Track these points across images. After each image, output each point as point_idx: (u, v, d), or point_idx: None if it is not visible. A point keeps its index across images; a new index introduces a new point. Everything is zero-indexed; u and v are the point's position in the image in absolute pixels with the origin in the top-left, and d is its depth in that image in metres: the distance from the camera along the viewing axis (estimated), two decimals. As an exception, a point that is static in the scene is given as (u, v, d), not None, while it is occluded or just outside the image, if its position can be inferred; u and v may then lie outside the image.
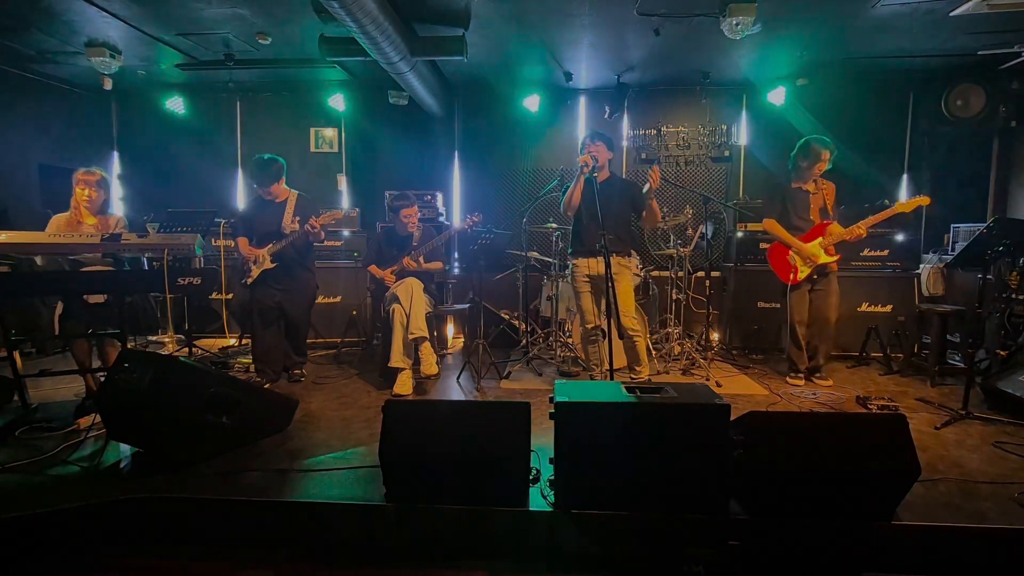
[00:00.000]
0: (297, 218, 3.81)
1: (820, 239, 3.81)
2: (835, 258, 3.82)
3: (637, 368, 3.60)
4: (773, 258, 3.96)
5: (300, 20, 4.15)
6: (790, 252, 3.86)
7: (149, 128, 6.17)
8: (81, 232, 3.27)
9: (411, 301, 3.71)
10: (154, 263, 4.01)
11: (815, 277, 3.85)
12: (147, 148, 6.26)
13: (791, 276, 3.82)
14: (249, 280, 3.83)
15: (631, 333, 3.46)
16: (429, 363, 3.72)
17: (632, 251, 3.75)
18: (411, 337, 3.67)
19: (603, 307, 3.45)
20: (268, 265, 3.79)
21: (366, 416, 3.29)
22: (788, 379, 4.02)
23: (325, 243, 5.19)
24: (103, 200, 3.47)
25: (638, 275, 4.45)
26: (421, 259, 4.07)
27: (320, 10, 3.77)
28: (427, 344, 3.73)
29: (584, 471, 2.14)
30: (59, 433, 2.90)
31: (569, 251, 3.81)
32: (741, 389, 3.89)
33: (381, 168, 6.21)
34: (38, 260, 3.35)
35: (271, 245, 3.80)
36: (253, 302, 3.88)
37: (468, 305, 4.54)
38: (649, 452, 2.12)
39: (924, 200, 3.74)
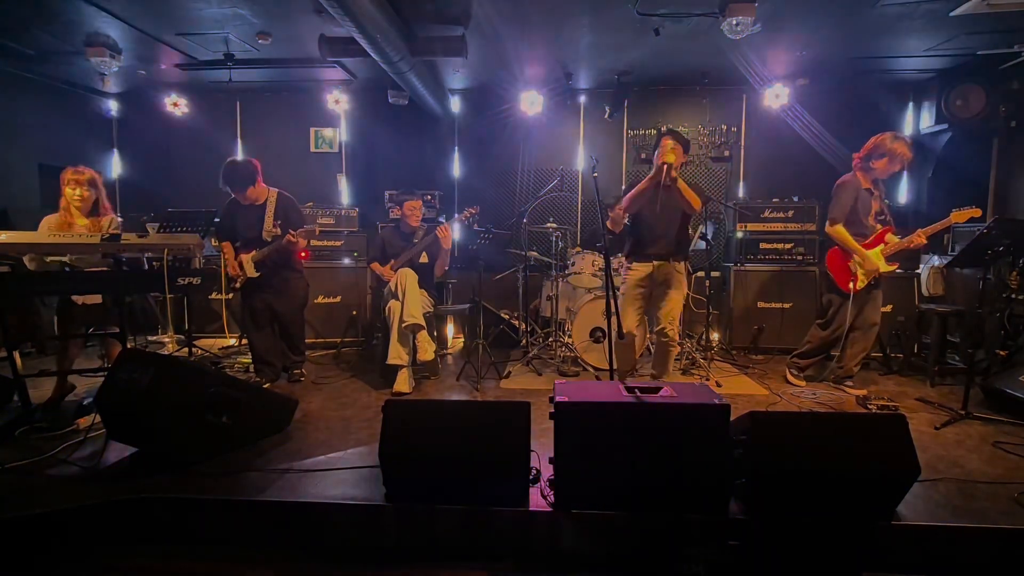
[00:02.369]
0: (279, 222, 3.75)
1: (881, 246, 3.62)
2: (894, 267, 3.63)
3: (662, 376, 3.50)
4: (832, 263, 3.73)
5: (300, 20, 4.15)
6: (852, 259, 3.63)
7: (149, 128, 6.17)
8: (75, 234, 3.24)
9: (403, 290, 3.68)
10: (154, 263, 4.01)
11: (871, 283, 3.66)
12: (147, 148, 6.26)
13: (851, 285, 3.59)
14: (237, 285, 3.83)
15: (669, 341, 3.40)
16: (425, 350, 3.71)
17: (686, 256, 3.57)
18: (404, 325, 3.62)
19: (658, 312, 3.38)
20: (253, 274, 3.77)
21: (366, 416, 3.28)
22: (792, 379, 3.97)
23: (326, 243, 5.21)
24: (94, 200, 3.36)
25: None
26: (424, 254, 4.08)
27: (320, 10, 3.77)
28: (423, 332, 3.71)
29: (584, 471, 2.14)
30: (59, 433, 2.90)
31: (624, 255, 3.57)
32: (741, 389, 3.89)
33: (381, 168, 6.20)
34: (27, 262, 3.25)
35: (254, 252, 3.77)
36: (244, 306, 3.88)
37: (468, 305, 4.54)
38: (649, 452, 2.12)
39: (976, 212, 3.49)
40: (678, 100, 5.90)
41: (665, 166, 3.10)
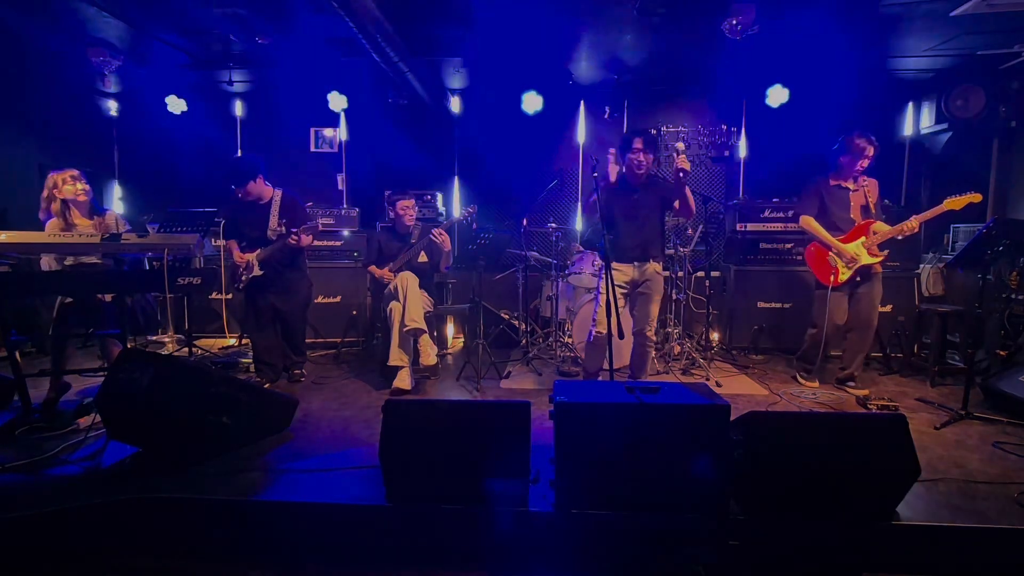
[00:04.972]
0: (283, 221, 3.76)
1: (863, 239, 3.63)
2: (879, 258, 3.63)
3: (639, 375, 3.55)
4: (812, 258, 3.79)
5: (300, 20, 4.15)
6: (830, 252, 3.68)
7: (149, 128, 6.17)
8: (80, 233, 3.25)
9: (405, 294, 3.68)
10: (154, 263, 4.01)
11: (858, 280, 3.65)
12: (147, 148, 6.26)
13: (831, 278, 3.63)
14: (241, 285, 3.83)
15: (649, 344, 3.44)
16: (428, 354, 3.71)
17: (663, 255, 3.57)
18: (406, 329, 3.62)
19: (632, 311, 3.43)
20: (257, 272, 3.77)
21: (366, 416, 3.28)
22: (803, 381, 3.94)
23: (326, 243, 5.21)
24: (91, 197, 3.38)
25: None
26: (423, 253, 4.08)
27: (320, 10, 3.77)
28: (425, 336, 3.71)
29: (584, 471, 2.14)
30: (59, 433, 2.90)
31: (603, 255, 3.66)
32: (741, 389, 3.88)
33: (381, 168, 6.20)
34: (45, 263, 3.27)
35: (259, 251, 3.77)
36: (248, 305, 3.88)
37: (468, 305, 4.53)
38: (649, 452, 2.12)
39: (976, 197, 3.42)
40: (678, 100, 5.89)
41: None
